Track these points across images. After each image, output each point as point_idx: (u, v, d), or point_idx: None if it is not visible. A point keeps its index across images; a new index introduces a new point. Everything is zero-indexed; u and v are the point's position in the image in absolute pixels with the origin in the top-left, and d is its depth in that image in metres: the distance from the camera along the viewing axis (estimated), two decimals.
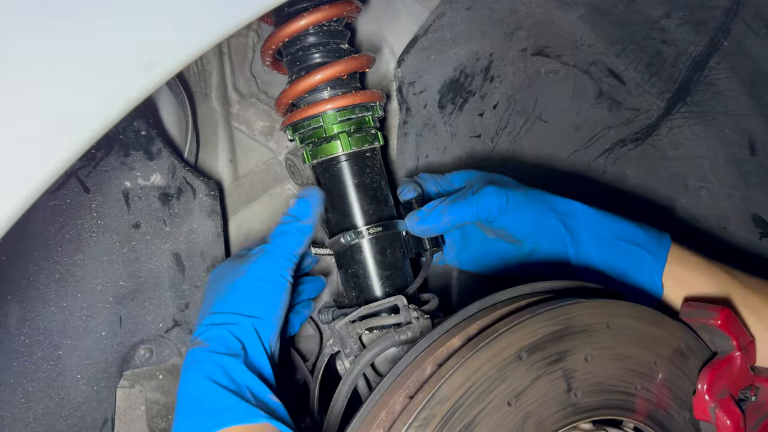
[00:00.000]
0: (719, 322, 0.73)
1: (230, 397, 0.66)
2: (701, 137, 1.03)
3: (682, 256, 0.83)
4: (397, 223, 0.88)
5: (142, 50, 0.28)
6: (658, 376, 0.70)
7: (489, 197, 0.82)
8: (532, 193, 0.86)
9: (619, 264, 0.82)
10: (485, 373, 0.59)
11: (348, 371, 0.75)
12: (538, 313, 0.63)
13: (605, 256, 0.82)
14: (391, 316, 0.79)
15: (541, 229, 0.84)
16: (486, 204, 0.82)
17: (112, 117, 0.28)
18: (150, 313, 0.92)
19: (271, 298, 0.76)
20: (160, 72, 0.28)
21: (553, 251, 0.84)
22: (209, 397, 0.67)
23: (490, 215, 0.83)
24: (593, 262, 0.83)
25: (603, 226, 0.84)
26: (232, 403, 0.66)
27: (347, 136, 0.84)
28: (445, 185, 0.93)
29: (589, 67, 1.02)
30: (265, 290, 0.76)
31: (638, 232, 0.84)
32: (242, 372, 0.69)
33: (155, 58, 0.28)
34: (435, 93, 1.02)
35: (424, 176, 0.94)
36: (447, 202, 0.84)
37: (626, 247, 0.82)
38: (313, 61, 0.85)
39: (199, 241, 0.93)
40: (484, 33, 0.99)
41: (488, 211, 0.83)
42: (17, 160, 0.27)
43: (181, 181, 0.90)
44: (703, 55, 0.90)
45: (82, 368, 0.88)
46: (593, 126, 1.11)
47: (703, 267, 0.82)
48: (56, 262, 0.85)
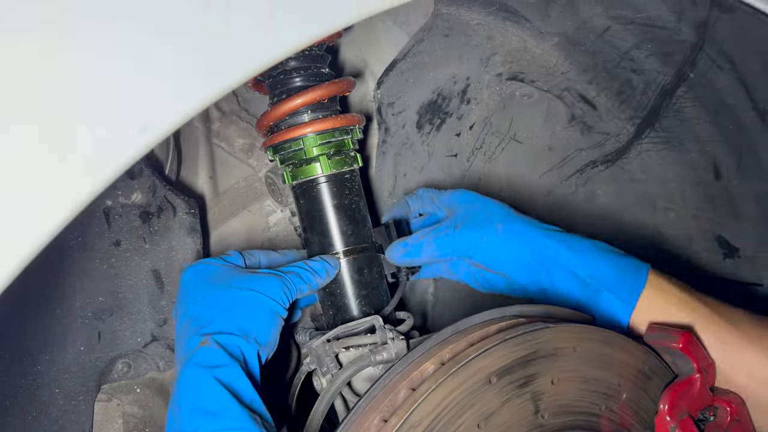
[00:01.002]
0: (681, 345, 0.76)
1: (232, 401, 0.66)
2: (669, 161, 1.07)
3: (660, 288, 0.82)
4: (374, 245, 0.91)
5: (137, 115, 0.29)
6: (622, 396, 0.73)
7: (467, 236, 0.86)
8: (514, 231, 0.87)
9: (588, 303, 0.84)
10: (456, 397, 0.61)
11: (325, 390, 0.77)
12: (508, 338, 0.66)
13: (577, 295, 0.84)
14: (368, 336, 0.81)
15: (519, 267, 0.86)
16: (465, 242, 0.86)
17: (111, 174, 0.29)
18: (128, 328, 0.93)
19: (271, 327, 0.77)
20: (152, 135, 0.30)
21: (530, 287, 0.87)
22: (212, 397, 0.67)
23: (467, 253, 0.86)
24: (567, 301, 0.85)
25: (579, 266, 0.83)
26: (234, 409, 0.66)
27: (327, 158, 0.86)
28: (439, 204, 0.96)
29: (562, 93, 1.06)
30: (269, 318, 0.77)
31: (611, 271, 0.83)
32: (244, 381, 0.69)
33: (148, 123, 0.29)
34: (413, 114, 1.05)
35: (421, 193, 0.98)
36: (430, 236, 0.87)
37: (597, 289, 0.83)
38: (294, 85, 0.87)
39: (178, 258, 0.94)
40: (461, 58, 1.01)
41: (466, 249, 0.86)
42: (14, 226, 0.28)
43: (161, 199, 0.92)
44: (671, 84, 0.93)
45: (60, 382, 0.88)
46: (566, 147, 1.14)
47: (681, 304, 0.81)
48: (36, 278, 0.85)
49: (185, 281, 0.83)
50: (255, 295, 0.77)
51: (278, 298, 0.78)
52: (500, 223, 0.87)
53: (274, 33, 0.34)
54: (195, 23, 0.33)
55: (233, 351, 0.71)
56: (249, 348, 0.73)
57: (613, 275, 0.83)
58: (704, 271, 1.12)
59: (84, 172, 0.29)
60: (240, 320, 0.74)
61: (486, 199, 0.94)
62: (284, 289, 0.78)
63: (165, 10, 0.32)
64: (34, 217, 0.28)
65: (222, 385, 0.67)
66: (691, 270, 1.14)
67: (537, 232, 0.86)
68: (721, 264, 1.09)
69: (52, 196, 0.28)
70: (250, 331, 0.74)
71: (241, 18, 0.33)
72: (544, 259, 0.85)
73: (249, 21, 0.34)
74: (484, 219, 0.88)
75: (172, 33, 0.33)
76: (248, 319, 0.75)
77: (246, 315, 0.75)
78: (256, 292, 0.77)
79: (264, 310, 0.76)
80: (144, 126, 0.30)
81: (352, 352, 0.82)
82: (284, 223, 1.11)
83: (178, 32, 0.32)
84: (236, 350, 0.72)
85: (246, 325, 0.74)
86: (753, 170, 0.93)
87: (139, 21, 0.31)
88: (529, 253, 0.85)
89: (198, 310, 0.77)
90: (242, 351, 0.72)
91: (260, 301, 0.76)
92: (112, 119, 0.30)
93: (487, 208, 0.91)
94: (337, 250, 0.88)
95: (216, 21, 0.33)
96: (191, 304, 0.78)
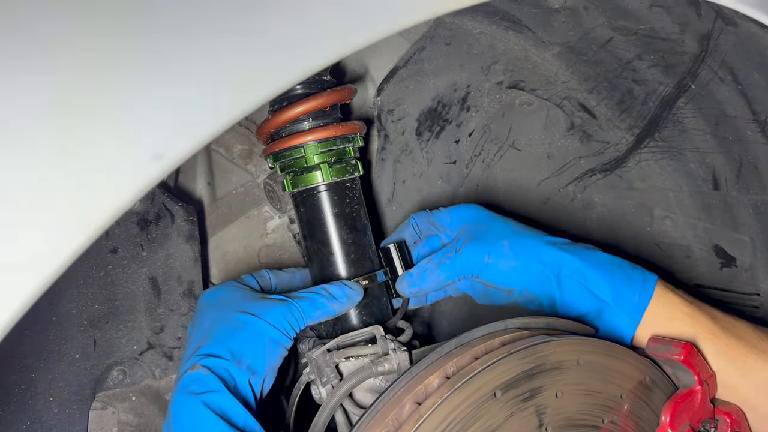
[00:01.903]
0: (682, 358, 0.76)
1: (223, 427, 0.66)
2: (667, 171, 1.07)
3: (665, 302, 0.82)
4: (376, 258, 0.91)
5: (151, 143, 0.29)
6: (624, 408, 0.73)
7: (470, 257, 0.85)
8: (521, 245, 0.86)
9: (594, 315, 0.84)
10: (462, 411, 0.61)
11: (326, 402, 0.76)
12: (513, 351, 0.66)
13: (586, 307, 0.84)
14: (369, 347, 0.81)
15: (528, 279, 0.85)
16: (469, 263, 0.85)
17: (124, 203, 0.29)
18: (124, 335, 0.92)
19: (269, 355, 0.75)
20: (167, 162, 0.29)
21: (539, 299, 0.86)
22: (203, 422, 0.66)
23: (473, 273, 0.86)
24: (574, 313, 0.85)
25: (588, 279, 0.83)
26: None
27: (328, 166, 0.86)
28: (440, 227, 0.96)
29: (562, 101, 1.06)
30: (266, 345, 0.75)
31: (618, 287, 0.82)
32: (235, 405, 0.68)
33: (163, 150, 0.29)
34: (413, 121, 1.04)
35: (414, 220, 0.97)
36: (433, 264, 0.87)
37: (606, 305, 0.82)
38: (295, 92, 0.86)
39: (176, 265, 0.93)
40: (462, 66, 1.01)
41: (471, 270, 0.85)
42: (36, 247, 0.28)
43: (159, 206, 0.91)
44: (671, 95, 0.93)
45: (54, 391, 0.87)
46: (564, 155, 1.14)
47: (684, 317, 0.81)
48: None
49: (199, 305, 0.84)
50: (255, 322, 0.75)
51: (281, 326, 0.76)
52: (506, 240, 0.86)
53: (290, 59, 0.33)
54: (212, 52, 0.33)
55: (223, 375, 0.70)
56: (240, 374, 0.71)
57: (621, 288, 0.82)
58: (701, 280, 1.12)
59: (99, 200, 0.28)
60: (234, 344, 0.73)
61: (489, 216, 0.93)
62: (289, 318, 0.77)
63: (183, 41, 0.32)
64: (48, 247, 0.28)
65: (211, 411, 0.66)
66: (688, 279, 1.14)
67: (546, 246, 0.85)
68: (718, 273, 1.10)
69: (64, 229, 0.28)
70: (243, 357, 0.72)
71: (258, 45, 0.33)
72: (554, 272, 0.84)
73: (265, 48, 0.33)
74: (489, 238, 0.87)
75: (189, 62, 0.32)
76: (243, 345, 0.73)
77: (242, 341, 0.74)
78: (257, 318, 0.76)
79: (262, 337, 0.75)
80: (159, 154, 0.29)
81: (353, 363, 0.82)
82: (282, 230, 1.10)
83: (195, 63, 0.32)
84: (226, 374, 0.71)
85: (240, 351, 0.73)
86: (752, 182, 0.94)
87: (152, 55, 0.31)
88: (539, 267, 0.84)
89: (198, 333, 0.77)
90: (232, 375, 0.71)
91: (259, 328, 0.75)
92: (127, 148, 0.29)
93: (492, 227, 0.90)
94: (339, 262, 0.87)
95: (233, 50, 0.33)
96: (196, 325, 0.79)
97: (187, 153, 0.31)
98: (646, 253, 1.17)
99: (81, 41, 0.29)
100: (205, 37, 0.33)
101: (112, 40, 0.30)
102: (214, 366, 0.70)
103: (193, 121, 0.31)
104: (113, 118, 0.29)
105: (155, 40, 0.31)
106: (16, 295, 0.27)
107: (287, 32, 0.35)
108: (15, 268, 0.27)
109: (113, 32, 0.30)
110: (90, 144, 0.28)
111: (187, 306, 0.94)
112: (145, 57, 0.31)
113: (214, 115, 0.32)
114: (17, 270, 0.28)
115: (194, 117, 0.31)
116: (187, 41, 0.32)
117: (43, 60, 0.29)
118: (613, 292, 0.82)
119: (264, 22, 0.34)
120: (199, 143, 0.31)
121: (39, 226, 0.28)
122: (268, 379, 0.75)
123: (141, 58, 0.30)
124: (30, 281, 0.28)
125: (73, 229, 0.28)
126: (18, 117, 0.28)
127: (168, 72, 0.31)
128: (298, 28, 0.35)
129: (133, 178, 0.29)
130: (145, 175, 0.29)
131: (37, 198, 0.28)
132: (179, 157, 0.30)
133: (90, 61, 0.29)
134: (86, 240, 0.29)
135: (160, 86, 0.30)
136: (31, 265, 0.27)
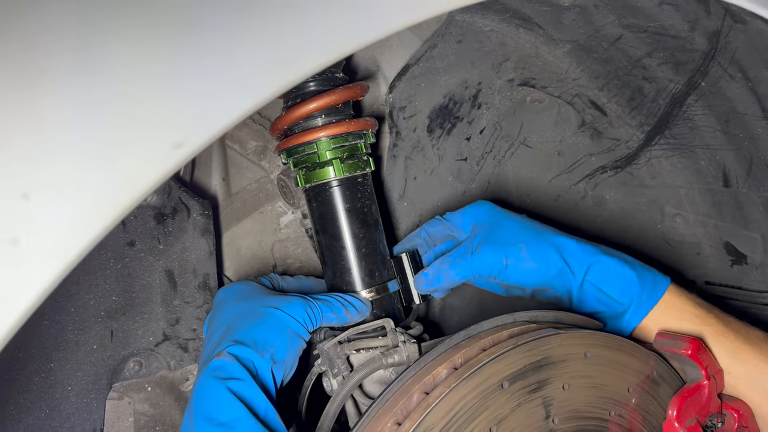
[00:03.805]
0: (689, 352, 0.76)
1: (246, 413, 0.67)
2: (678, 168, 1.07)
3: (675, 304, 0.84)
4: (389, 254, 0.92)
5: (173, 132, 0.31)
6: (631, 402, 0.74)
7: (487, 259, 0.86)
8: (539, 249, 0.87)
9: (604, 313, 0.85)
10: (469, 401, 0.62)
11: (336, 392, 0.78)
12: (521, 343, 0.67)
13: (594, 307, 0.85)
14: (379, 339, 0.82)
15: (545, 278, 0.86)
16: (486, 265, 0.86)
17: (146, 191, 0.30)
18: (141, 327, 0.94)
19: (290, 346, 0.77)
20: (189, 150, 0.31)
21: (557, 294, 0.87)
22: (225, 408, 0.68)
23: (491, 274, 0.86)
24: (585, 308, 0.86)
25: (603, 281, 0.85)
26: (247, 421, 0.67)
27: (340, 162, 0.87)
28: (455, 230, 0.97)
29: (573, 99, 1.06)
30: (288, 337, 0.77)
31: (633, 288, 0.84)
32: (258, 393, 0.70)
33: (184, 138, 0.30)
34: (424, 118, 1.06)
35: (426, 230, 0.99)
36: (448, 263, 0.87)
37: (613, 303, 0.84)
38: (308, 89, 0.88)
39: (191, 258, 0.95)
40: (474, 63, 1.02)
41: (489, 272, 0.86)
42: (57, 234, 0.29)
43: (176, 200, 0.92)
44: (681, 92, 0.94)
45: (72, 380, 0.89)
46: (575, 152, 1.15)
47: (694, 319, 0.82)
48: None
49: (217, 299, 0.86)
50: (278, 314, 0.77)
51: (301, 319, 0.78)
52: (523, 244, 0.87)
53: (308, 48, 0.35)
54: (231, 40, 0.34)
55: (247, 364, 0.72)
56: (263, 362, 0.73)
57: (631, 290, 0.84)
58: (711, 277, 1.12)
59: (121, 188, 0.30)
60: (258, 334, 0.75)
61: (502, 214, 0.93)
62: (309, 312, 0.79)
63: (199, 29, 0.33)
64: (72, 234, 0.29)
65: (236, 397, 0.68)
66: (698, 276, 1.14)
67: (562, 247, 0.87)
68: (728, 270, 1.10)
69: (87, 215, 0.29)
70: (267, 346, 0.74)
71: (278, 33, 0.34)
72: (572, 272, 0.85)
73: (286, 36, 0.35)
74: (506, 240, 0.88)
75: (208, 50, 0.34)
76: (267, 334, 0.75)
77: (265, 330, 0.75)
78: (279, 310, 0.78)
79: (284, 328, 0.76)
80: (180, 142, 0.31)
81: (363, 355, 0.83)
82: (295, 225, 1.12)
83: (214, 50, 0.34)
84: (250, 364, 0.72)
85: (263, 340, 0.74)
86: (763, 179, 0.94)
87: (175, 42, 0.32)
88: (557, 267, 0.86)
89: (222, 323, 0.79)
90: (255, 365, 0.73)
91: (282, 319, 0.77)
92: (150, 137, 0.31)
93: (506, 227, 0.90)
94: (351, 256, 0.89)
95: (253, 36, 0.34)
96: (217, 317, 0.81)
97: (206, 142, 0.32)
98: (657, 250, 1.17)
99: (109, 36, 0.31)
100: (221, 29, 0.34)
101: (134, 33, 0.31)
102: (241, 354, 0.72)
103: (211, 110, 0.32)
104: (138, 108, 0.31)
105: (175, 31, 0.32)
106: (44, 278, 0.29)
107: (303, 25, 0.36)
108: (44, 254, 0.29)
109: (134, 26, 0.32)
110: (115, 134, 0.30)
111: (202, 298, 0.96)
112: (167, 47, 0.32)
113: (230, 106, 0.33)
114: (46, 256, 0.29)
115: (213, 106, 0.32)
116: (202, 33, 0.33)
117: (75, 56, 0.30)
118: (622, 292, 0.84)
119: (280, 15, 0.35)
120: (218, 132, 0.33)
121: (66, 213, 0.29)
122: (290, 369, 0.77)
123: (163, 49, 0.32)
124: (55, 266, 0.29)
125: (96, 216, 0.29)
126: (50, 112, 0.30)
127: (187, 63, 0.33)
128: (312, 20, 0.36)
129: (156, 166, 0.31)
130: (166, 163, 0.31)
131: (65, 184, 0.30)
132: (198, 145, 0.32)
133: (117, 57, 0.31)
134: (106, 227, 0.30)
135: (182, 77, 0.32)
136: (56, 249, 0.29)
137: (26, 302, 0.29)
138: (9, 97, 0.29)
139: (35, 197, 0.29)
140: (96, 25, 0.32)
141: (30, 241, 0.29)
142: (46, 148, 0.29)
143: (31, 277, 0.29)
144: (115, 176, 0.30)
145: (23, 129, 0.29)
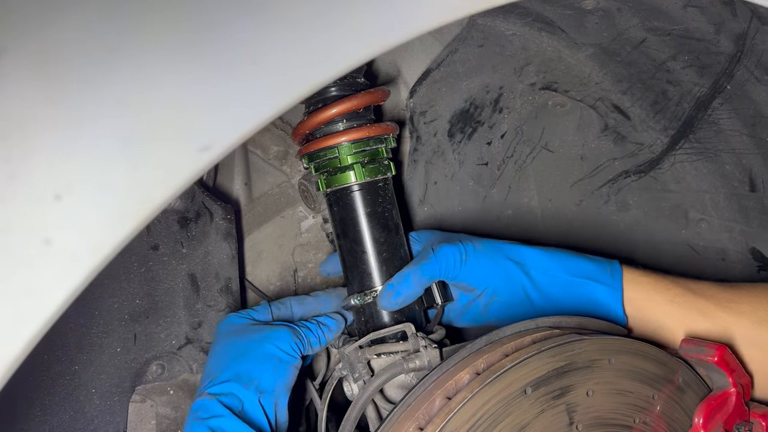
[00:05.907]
0: (716, 359, 0.75)
1: None
2: (703, 172, 1.06)
3: (633, 279, 0.88)
4: (407, 251, 0.92)
5: (200, 136, 0.31)
6: (656, 409, 0.73)
7: (448, 252, 0.87)
8: (486, 245, 0.90)
9: (580, 301, 0.87)
10: (492, 407, 0.62)
11: (357, 397, 0.78)
12: (544, 349, 0.66)
13: (565, 295, 0.87)
14: (400, 343, 0.82)
15: (498, 276, 0.88)
16: (448, 259, 0.87)
17: (173, 191, 0.31)
18: (164, 330, 0.95)
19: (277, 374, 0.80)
20: (215, 153, 0.31)
21: (514, 296, 0.89)
22: None
23: (453, 270, 0.87)
24: (555, 303, 0.88)
25: (556, 267, 0.89)
26: None
27: (361, 166, 0.87)
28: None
29: (596, 103, 1.06)
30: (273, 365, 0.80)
31: (589, 266, 0.89)
32: (240, 426, 0.73)
33: (211, 142, 0.31)
34: (445, 122, 1.05)
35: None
36: (413, 266, 0.87)
37: (583, 283, 0.87)
38: (329, 94, 0.88)
39: (214, 262, 0.95)
40: (495, 68, 1.02)
41: (452, 265, 0.87)
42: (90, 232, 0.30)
43: (199, 205, 0.93)
44: (706, 96, 0.93)
45: (96, 383, 0.90)
46: (598, 157, 1.14)
47: (656, 285, 0.87)
48: None
49: (215, 335, 0.91)
50: (260, 345, 0.81)
51: (286, 347, 0.81)
52: (473, 242, 0.90)
53: (335, 50, 0.35)
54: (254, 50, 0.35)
55: (228, 400, 0.76)
56: (248, 394, 0.77)
57: (590, 266, 0.88)
58: (737, 282, 1.11)
59: (149, 190, 0.30)
60: (242, 369, 0.79)
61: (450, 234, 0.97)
62: (294, 339, 0.83)
63: (226, 33, 0.34)
64: (103, 237, 0.30)
65: None
66: (725, 281, 1.13)
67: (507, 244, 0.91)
68: (755, 276, 1.08)
69: (116, 215, 0.30)
70: (251, 378, 0.78)
71: (304, 36, 0.35)
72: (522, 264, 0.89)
73: (311, 38, 0.35)
74: (459, 240, 0.91)
75: (235, 55, 0.34)
76: (250, 366, 0.79)
77: (248, 363, 0.79)
78: (263, 340, 0.81)
79: (269, 357, 0.80)
80: (207, 145, 0.31)
81: (384, 359, 0.83)
82: (316, 229, 1.12)
83: (236, 61, 0.34)
84: (232, 398, 0.76)
85: (247, 372, 0.78)
86: None
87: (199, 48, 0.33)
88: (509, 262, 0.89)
89: (211, 363, 0.83)
90: (240, 398, 0.76)
91: (265, 349, 0.81)
92: (178, 141, 0.31)
93: (457, 236, 0.94)
94: (372, 261, 0.89)
95: (278, 40, 0.35)
96: (210, 357, 0.86)
97: (232, 145, 0.33)
98: (681, 256, 1.16)
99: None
100: (248, 35, 0.34)
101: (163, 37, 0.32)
102: (222, 391, 0.76)
103: (237, 114, 0.33)
104: (167, 112, 0.31)
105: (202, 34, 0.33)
106: (75, 278, 0.29)
107: (327, 29, 0.36)
108: (75, 254, 0.30)
109: (163, 30, 0.32)
110: (144, 136, 0.30)
111: (224, 302, 0.96)
112: (193, 51, 0.33)
113: (256, 109, 0.33)
114: (77, 256, 0.30)
115: (239, 110, 0.33)
116: (230, 38, 0.34)
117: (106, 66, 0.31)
118: (586, 271, 0.88)
119: (306, 18, 0.36)
120: (243, 136, 0.33)
121: (96, 214, 0.30)
122: (282, 396, 0.80)
123: (191, 53, 0.32)
124: (86, 266, 0.30)
125: (125, 218, 0.30)
126: (81, 114, 0.31)
127: (214, 67, 0.33)
128: (336, 25, 0.37)
129: (183, 170, 0.31)
130: (193, 166, 0.31)
131: (97, 187, 0.30)
132: (224, 148, 0.32)
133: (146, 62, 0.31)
134: (134, 230, 0.31)
135: (208, 82, 0.32)
136: (90, 250, 0.30)
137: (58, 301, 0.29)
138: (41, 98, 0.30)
139: (67, 198, 0.29)
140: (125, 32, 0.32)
141: (62, 241, 0.29)
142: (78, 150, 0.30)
143: (63, 276, 0.29)
144: (144, 178, 0.30)
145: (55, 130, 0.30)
